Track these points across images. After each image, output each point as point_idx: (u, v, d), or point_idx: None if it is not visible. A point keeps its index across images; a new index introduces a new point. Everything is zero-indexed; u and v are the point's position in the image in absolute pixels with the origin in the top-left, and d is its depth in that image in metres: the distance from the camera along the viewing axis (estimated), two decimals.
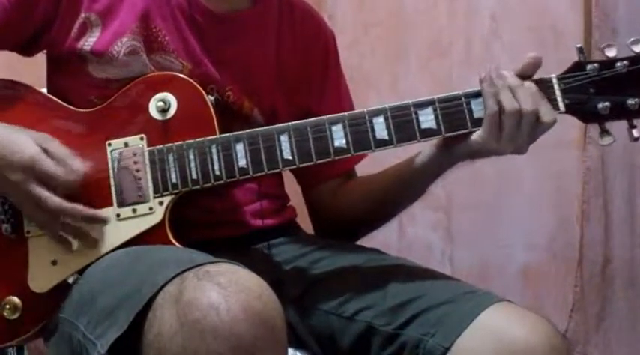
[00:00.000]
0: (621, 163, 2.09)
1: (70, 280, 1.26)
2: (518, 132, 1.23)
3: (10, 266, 1.29)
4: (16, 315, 1.27)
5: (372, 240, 1.51)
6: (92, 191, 1.27)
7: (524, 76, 1.25)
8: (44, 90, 1.39)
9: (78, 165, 1.25)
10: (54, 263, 1.27)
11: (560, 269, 2.22)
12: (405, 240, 2.39)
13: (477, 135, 1.25)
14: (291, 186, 1.54)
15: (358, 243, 1.49)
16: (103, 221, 1.26)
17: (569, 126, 1.28)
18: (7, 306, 1.27)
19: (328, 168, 1.39)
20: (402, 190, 1.42)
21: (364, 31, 2.51)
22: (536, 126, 1.23)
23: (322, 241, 1.45)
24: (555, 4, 2.22)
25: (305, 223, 1.55)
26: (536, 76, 1.26)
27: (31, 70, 1.42)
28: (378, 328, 1.26)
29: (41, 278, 1.27)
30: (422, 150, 1.36)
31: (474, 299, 1.23)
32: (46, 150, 1.24)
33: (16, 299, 1.27)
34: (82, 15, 1.33)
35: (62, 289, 1.26)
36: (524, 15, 2.26)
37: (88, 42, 1.33)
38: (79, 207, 1.24)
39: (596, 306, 2.15)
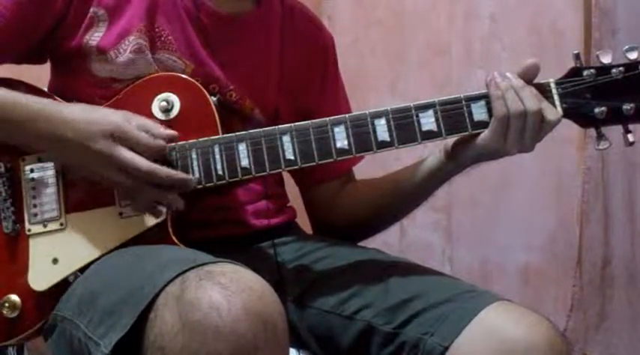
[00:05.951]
0: (621, 163, 2.10)
1: (71, 279, 1.26)
2: (523, 133, 1.24)
3: (10, 264, 1.28)
4: (16, 314, 1.27)
5: (372, 240, 1.51)
6: (95, 189, 1.27)
7: (525, 78, 1.26)
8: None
9: (163, 132, 1.25)
10: (54, 261, 1.27)
11: (560, 269, 2.22)
12: (406, 239, 2.39)
13: (482, 137, 1.26)
14: (292, 187, 1.54)
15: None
16: (190, 186, 1.25)
17: (569, 127, 1.29)
18: (7, 305, 1.26)
19: (325, 169, 1.39)
20: (406, 195, 1.42)
21: (364, 32, 2.51)
22: (541, 126, 1.24)
23: (322, 241, 1.44)
24: (555, 4, 2.22)
25: (305, 223, 1.55)
26: (535, 80, 1.27)
27: (31, 71, 1.42)
28: (377, 327, 1.26)
29: (41, 276, 1.27)
30: (428, 156, 1.37)
31: (473, 299, 1.23)
32: (129, 121, 1.24)
33: (15, 298, 1.27)
34: (91, 10, 1.32)
35: (62, 288, 1.25)
36: (524, 15, 2.27)
37: (94, 37, 1.32)
38: (172, 171, 1.24)
39: (596, 306, 2.15)
